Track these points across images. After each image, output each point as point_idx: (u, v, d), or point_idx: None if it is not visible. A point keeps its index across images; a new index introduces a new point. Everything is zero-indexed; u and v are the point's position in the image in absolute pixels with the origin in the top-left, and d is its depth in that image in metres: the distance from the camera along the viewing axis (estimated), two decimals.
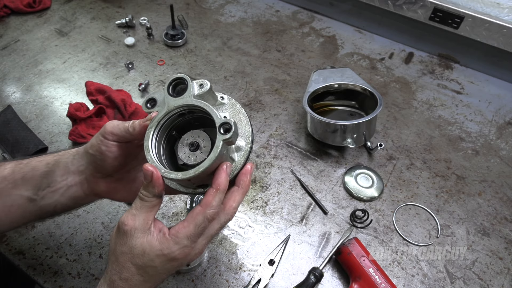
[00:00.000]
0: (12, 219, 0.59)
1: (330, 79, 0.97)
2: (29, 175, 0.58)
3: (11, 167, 0.59)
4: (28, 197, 0.57)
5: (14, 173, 0.58)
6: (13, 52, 1.14)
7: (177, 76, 0.52)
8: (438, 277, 0.73)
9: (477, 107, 1.08)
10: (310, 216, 0.81)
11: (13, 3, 1.25)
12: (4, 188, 0.57)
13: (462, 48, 1.18)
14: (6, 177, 0.58)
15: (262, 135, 0.96)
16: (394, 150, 0.95)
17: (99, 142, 0.54)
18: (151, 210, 0.50)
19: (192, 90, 0.51)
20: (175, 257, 0.49)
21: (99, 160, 0.56)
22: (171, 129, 0.54)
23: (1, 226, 0.59)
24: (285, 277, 0.72)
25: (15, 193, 0.57)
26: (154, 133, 0.51)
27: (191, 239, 0.49)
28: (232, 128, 0.47)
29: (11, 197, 0.57)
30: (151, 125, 0.51)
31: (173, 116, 0.52)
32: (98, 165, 0.56)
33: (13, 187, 0.57)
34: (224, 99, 0.55)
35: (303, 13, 1.38)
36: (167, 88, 0.52)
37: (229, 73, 1.12)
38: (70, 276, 0.69)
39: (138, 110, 0.96)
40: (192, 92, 0.51)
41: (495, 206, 0.85)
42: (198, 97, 0.51)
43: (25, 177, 0.58)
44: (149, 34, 1.21)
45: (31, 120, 0.95)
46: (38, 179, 0.58)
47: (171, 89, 0.52)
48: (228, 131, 0.47)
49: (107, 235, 0.75)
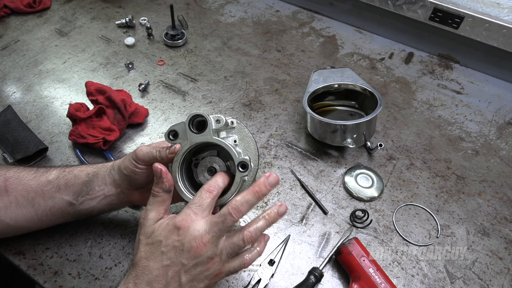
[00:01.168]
0: (51, 218, 0.66)
1: (330, 79, 0.97)
2: (71, 182, 0.66)
3: (56, 173, 0.66)
4: (68, 201, 0.65)
5: (58, 178, 0.66)
6: (13, 52, 1.14)
7: (196, 114, 0.59)
8: (438, 277, 0.73)
9: (477, 107, 1.08)
10: (310, 216, 0.81)
11: (13, 3, 1.25)
12: (49, 191, 0.65)
13: (462, 48, 1.18)
14: (51, 181, 0.65)
15: (262, 135, 0.96)
16: (394, 150, 0.95)
17: (132, 166, 0.63)
18: (162, 204, 0.58)
19: (211, 126, 0.59)
20: (177, 225, 0.54)
21: (132, 178, 0.65)
22: (192, 156, 0.64)
23: (41, 224, 0.67)
24: (285, 277, 0.72)
25: (58, 197, 0.65)
26: (179, 165, 0.60)
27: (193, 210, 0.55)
28: (248, 167, 0.57)
29: (54, 200, 0.65)
30: (176, 159, 0.60)
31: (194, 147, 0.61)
32: (131, 181, 0.65)
33: (57, 191, 0.65)
34: (233, 123, 0.62)
35: (303, 13, 1.38)
36: (188, 124, 0.59)
37: (229, 73, 1.12)
38: (70, 276, 0.69)
39: (138, 110, 0.96)
40: (211, 128, 0.59)
41: (495, 206, 0.85)
42: (215, 131, 0.59)
43: (68, 183, 0.65)
44: (149, 34, 1.21)
45: (31, 120, 0.95)
46: (79, 187, 0.66)
47: (192, 126, 0.60)
48: (245, 168, 0.58)
49: (107, 235, 0.75)
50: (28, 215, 0.64)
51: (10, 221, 0.63)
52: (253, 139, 0.63)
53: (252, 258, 0.58)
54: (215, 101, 1.04)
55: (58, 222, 0.68)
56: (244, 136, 0.63)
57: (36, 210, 0.64)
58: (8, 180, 0.64)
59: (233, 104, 1.03)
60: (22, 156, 0.84)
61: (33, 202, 0.64)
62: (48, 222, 0.67)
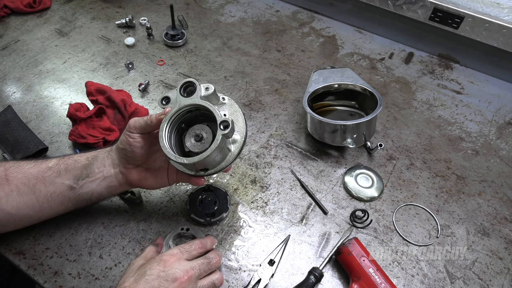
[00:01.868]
0: (52, 205, 0.67)
1: (330, 79, 0.97)
2: (71, 166, 0.67)
3: (56, 160, 0.68)
4: (69, 185, 0.67)
5: (58, 164, 0.67)
6: (13, 52, 1.14)
7: (187, 80, 0.64)
8: (438, 277, 0.73)
9: (477, 107, 1.08)
10: (310, 216, 0.81)
11: (13, 3, 1.25)
12: (49, 176, 0.66)
13: (462, 48, 1.18)
14: (51, 167, 0.67)
15: (262, 135, 0.96)
16: (394, 150, 0.95)
17: (126, 136, 0.66)
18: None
19: (199, 92, 0.62)
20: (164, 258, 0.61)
21: (129, 152, 0.66)
22: (181, 123, 0.66)
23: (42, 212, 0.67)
24: (285, 277, 0.72)
25: (59, 181, 0.66)
26: (167, 126, 0.62)
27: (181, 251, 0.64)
28: (230, 125, 0.58)
29: (54, 185, 0.66)
30: (165, 119, 0.63)
31: (183, 112, 0.64)
32: (128, 157, 0.67)
33: (57, 176, 0.66)
34: (225, 99, 0.66)
35: (303, 13, 1.38)
36: (179, 89, 0.64)
37: (229, 73, 1.12)
38: (70, 276, 0.69)
39: (138, 110, 0.96)
40: (199, 94, 0.62)
41: (495, 206, 0.85)
42: (204, 98, 0.62)
43: (68, 168, 0.67)
44: (149, 34, 1.21)
45: (31, 120, 0.95)
46: (79, 170, 0.67)
47: (182, 90, 0.64)
48: (226, 128, 0.58)
49: (107, 235, 0.75)
50: (29, 203, 0.65)
51: (12, 209, 0.64)
52: (242, 114, 0.66)
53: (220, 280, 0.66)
54: None
55: (58, 211, 0.68)
56: (234, 111, 0.66)
57: (37, 197, 0.65)
58: (9, 170, 0.65)
59: None
60: (22, 156, 0.84)
61: (34, 188, 0.64)
62: (49, 210, 0.67)
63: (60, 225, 0.75)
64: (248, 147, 0.93)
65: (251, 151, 0.92)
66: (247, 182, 0.86)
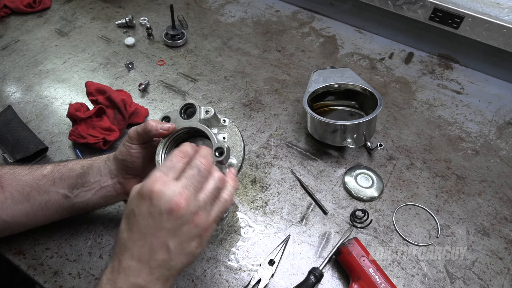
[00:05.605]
0: (46, 213, 0.66)
1: (330, 79, 0.97)
2: (66, 175, 0.66)
3: (51, 168, 0.66)
4: (63, 194, 0.65)
5: (53, 172, 0.66)
6: (13, 52, 1.14)
7: (188, 102, 0.63)
8: (438, 277, 0.73)
9: (477, 107, 1.08)
10: (310, 216, 0.81)
11: (13, 3, 1.25)
12: (44, 185, 0.65)
13: (462, 48, 1.18)
14: (46, 175, 0.65)
15: (262, 135, 0.96)
16: (394, 150, 0.95)
17: (127, 148, 0.64)
18: None
19: (199, 114, 0.62)
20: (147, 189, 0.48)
21: (130, 163, 0.65)
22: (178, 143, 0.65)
23: (37, 220, 0.66)
24: (285, 277, 0.72)
25: (53, 190, 0.65)
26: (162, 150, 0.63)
27: (163, 171, 0.51)
28: (224, 152, 0.58)
29: (49, 194, 0.65)
30: (161, 141, 0.63)
31: (181, 133, 0.64)
32: (129, 167, 0.66)
33: (52, 185, 0.65)
34: (226, 122, 0.66)
35: (303, 13, 1.38)
36: (180, 111, 0.63)
37: (229, 73, 1.12)
38: (70, 276, 0.69)
39: (138, 110, 0.96)
40: (199, 117, 0.62)
41: (495, 206, 0.85)
42: (203, 121, 0.62)
43: (63, 176, 0.65)
44: (149, 34, 1.21)
45: (31, 120, 0.95)
46: (73, 179, 0.65)
47: (183, 112, 0.63)
48: (221, 155, 0.58)
49: (107, 235, 0.75)
50: (24, 210, 0.64)
51: (7, 217, 0.63)
52: (241, 139, 0.65)
53: (230, 194, 0.55)
54: (215, 101, 1.04)
55: (53, 218, 0.68)
56: (233, 135, 0.65)
57: (32, 205, 0.64)
58: (3, 177, 0.64)
59: (233, 104, 1.03)
60: (22, 156, 0.84)
61: (28, 197, 0.64)
62: (44, 218, 0.66)
63: (60, 225, 0.75)
64: (248, 147, 0.93)
65: (251, 151, 0.92)
66: (247, 182, 0.86)
